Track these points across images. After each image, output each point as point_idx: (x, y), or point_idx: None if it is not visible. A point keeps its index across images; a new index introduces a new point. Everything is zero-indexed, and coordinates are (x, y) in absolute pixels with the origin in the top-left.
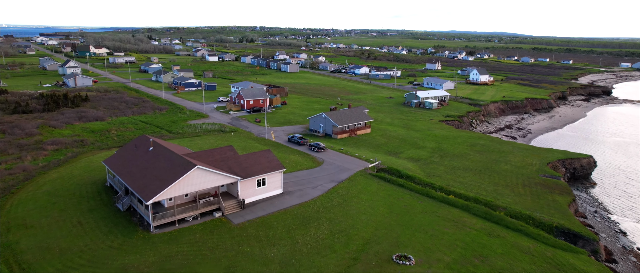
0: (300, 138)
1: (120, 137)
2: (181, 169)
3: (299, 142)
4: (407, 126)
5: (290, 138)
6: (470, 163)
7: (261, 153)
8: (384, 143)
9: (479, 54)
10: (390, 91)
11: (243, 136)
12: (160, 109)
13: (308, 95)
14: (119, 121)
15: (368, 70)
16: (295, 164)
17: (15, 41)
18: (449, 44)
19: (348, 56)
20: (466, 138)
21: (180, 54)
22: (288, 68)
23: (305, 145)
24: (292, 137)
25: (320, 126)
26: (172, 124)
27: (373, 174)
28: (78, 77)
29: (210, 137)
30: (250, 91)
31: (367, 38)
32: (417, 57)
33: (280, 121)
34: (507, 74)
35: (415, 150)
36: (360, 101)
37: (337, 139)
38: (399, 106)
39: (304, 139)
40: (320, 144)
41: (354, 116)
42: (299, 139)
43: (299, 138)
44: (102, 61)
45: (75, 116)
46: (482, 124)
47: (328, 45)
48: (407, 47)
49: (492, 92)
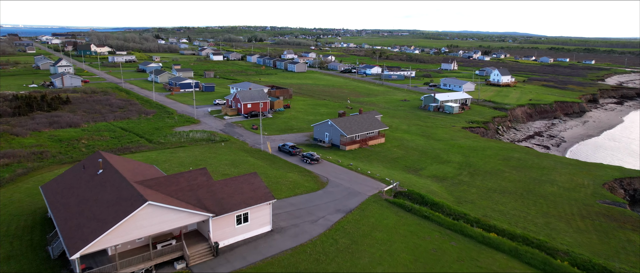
0: (292, 147)
1: (90, 148)
2: (127, 206)
3: (291, 152)
4: (426, 134)
5: (281, 147)
6: (507, 184)
7: (244, 178)
8: (401, 156)
9: (494, 53)
10: (404, 93)
11: (234, 148)
12: (147, 113)
13: (315, 97)
14: (95, 128)
15: (380, 70)
16: (292, 186)
17: (19, 40)
18: (462, 43)
19: (359, 55)
20: (497, 150)
21: (185, 53)
22: (295, 68)
23: (298, 155)
24: (283, 146)
25: (326, 135)
26: (155, 131)
27: (389, 200)
28: (66, 77)
29: (195, 148)
30: (248, 93)
31: (378, 38)
32: (430, 57)
33: (280, 128)
34: (528, 75)
35: (438, 166)
36: (372, 104)
37: (345, 152)
38: (416, 110)
39: (297, 149)
40: (314, 155)
41: (366, 124)
42: (291, 148)
43: (291, 147)
44: (102, 60)
45: (47, 121)
46: (509, 131)
47: (338, 44)
48: (420, 47)
49: (517, 94)
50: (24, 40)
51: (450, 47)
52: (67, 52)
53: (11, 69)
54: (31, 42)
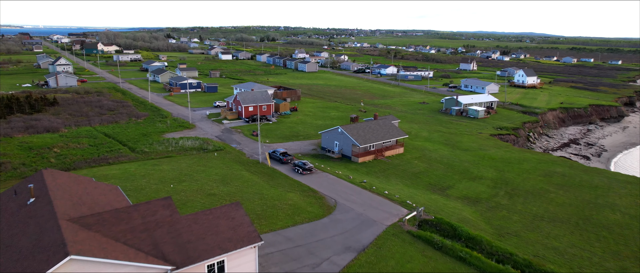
0: (283, 154)
1: (61, 158)
2: (41, 261)
3: (281, 160)
4: (450, 142)
5: (271, 154)
6: (556, 208)
7: (222, 212)
8: (424, 170)
9: (513, 54)
10: (422, 95)
11: (228, 159)
12: (139, 116)
13: (325, 99)
14: (76, 133)
15: (395, 70)
16: (291, 212)
17: (28, 39)
18: (478, 44)
19: (373, 55)
20: (535, 163)
21: (194, 52)
22: (306, 67)
23: (289, 164)
24: (273, 152)
25: (336, 144)
26: (141, 138)
27: (413, 233)
28: (60, 76)
29: (182, 159)
30: (250, 94)
31: (392, 38)
32: (447, 57)
33: (284, 134)
34: (553, 76)
35: (469, 183)
36: (388, 107)
37: (357, 164)
38: (436, 114)
39: (288, 156)
40: (306, 164)
41: (382, 131)
42: (282, 155)
43: (281, 154)
44: (106, 59)
45: (23, 125)
46: (541, 139)
47: (352, 44)
48: (435, 47)
49: (545, 97)
50: (35, 39)
51: (467, 47)
52: (75, 51)
53: (10, 68)
54: (41, 41)
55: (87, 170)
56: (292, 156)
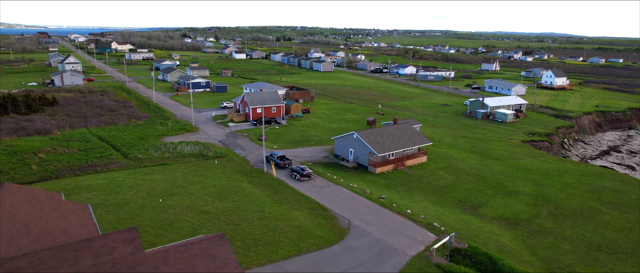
0: (280, 158)
1: (44, 165)
2: None
3: (278, 164)
4: (478, 150)
5: (269, 157)
6: (614, 235)
7: (202, 247)
8: (451, 183)
9: (536, 54)
10: (444, 96)
11: (230, 167)
12: (139, 118)
13: (340, 100)
14: (67, 136)
15: (415, 70)
16: (296, 236)
17: (46, 38)
18: (498, 44)
19: (390, 54)
20: (577, 175)
21: (208, 51)
22: (321, 67)
23: (287, 168)
24: (270, 155)
25: (351, 151)
26: (137, 142)
27: (444, 267)
28: (66, 75)
29: (179, 168)
30: (259, 95)
31: (409, 38)
32: (468, 57)
33: (294, 139)
34: (582, 77)
35: (504, 199)
36: (407, 109)
37: (375, 175)
38: (460, 117)
39: (286, 160)
40: (304, 170)
41: (402, 138)
42: (279, 159)
43: (279, 158)
44: (119, 57)
45: (14, 127)
46: (577, 145)
47: (369, 44)
48: (454, 47)
49: (577, 99)
50: (53, 38)
51: (487, 47)
52: (89, 50)
53: (22, 66)
54: (58, 40)
55: (71, 179)
56: (290, 160)
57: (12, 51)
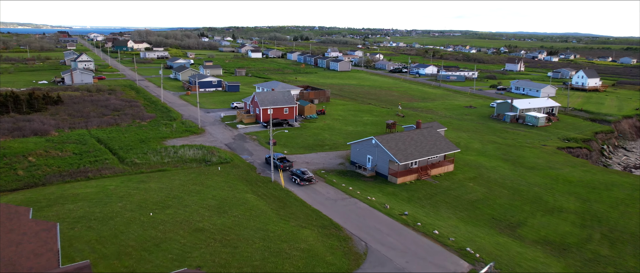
0: (280, 160)
1: (32, 170)
2: None
3: (278, 166)
4: (510, 157)
5: (268, 158)
6: None
7: None
8: (483, 196)
9: (562, 54)
10: (468, 98)
11: (234, 175)
12: (144, 118)
13: (358, 101)
14: (64, 138)
15: (436, 70)
16: (304, 262)
17: (65, 37)
18: (520, 44)
19: (409, 54)
20: (628, 189)
21: (224, 51)
22: (338, 66)
23: (287, 171)
24: (269, 157)
25: (369, 159)
26: (137, 145)
27: None
28: (76, 73)
29: (178, 174)
30: (270, 95)
31: (428, 38)
32: (490, 57)
33: (307, 143)
34: (614, 78)
35: (546, 218)
36: (429, 111)
37: (395, 186)
38: (486, 121)
39: (286, 162)
40: (305, 173)
41: (427, 143)
42: (279, 161)
43: (279, 160)
44: (134, 56)
45: (11, 127)
46: (617, 152)
47: (387, 44)
48: (475, 47)
49: (613, 101)
50: (72, 37)
51: (509, 47)
52: (106, 48)
53: (36, 64)
54: (77, 39)
55: (58, 187)
56: (291, 163)
57: (30, 50)
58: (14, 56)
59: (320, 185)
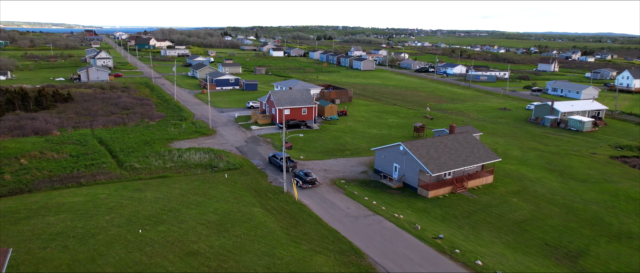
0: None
1: (21, 174)
2: None
3: (282, 167)
4: (556, 167)
5: (272, 157)
6: None
7: None
8: (531, 215)
9: (597, 54)
10: (500, 99)
11: (242, 183)
12: (153, 117)
13: (382, 101)
14: (66, 137)
15: (464, 69)
16: None
17: (91, 36)
18: (551, 44)
19: (435, 54)
20: None
21: (246, 49)
22: (361, 65)
23: (289, 172)
24: (273, 156)
25: (396, 167)
26: (141, 147)
27: None
28: (91, 70)
29: (178, 183)
30: (287, 94)
31: (454, 38)
32: (520, 57)
33: (327, 147)
34: None
35: (613, 246)
36: (460, 114)
37: (427, 201)
38: (523, 124)
39: (290, 162)
40: (308, 175)
41: (463, 151)
42: (281, 161)
43: (282, 160)
44: (154, 54)
45: (12, 125)
46: None
47: (412, 43)
48: (503, 47)
49: None
50: (98, 35)
51: (540, 47)
52: (129, 46)
53: (57, 62)
54: (101, 37)
55: (44, 194)
56: (294, 163)
57: (54, 47)
58: (38, 54)
59: (339, 198)
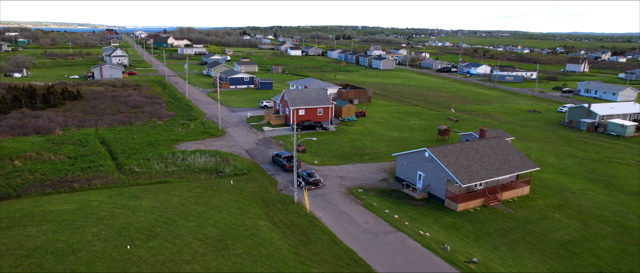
0: (287, 159)
1: (12, 177)
2: None
3: (285, 166)
4: (600, 177)
5: (275, 156)
6: None
7: None
8: (578, 235)
9: (629, 54)
10: (529, 101)
11: (248, 191)
12: (161, 116)
13: (403, 102)
14: (68, 137)
15: (489, 69)
16: None
17: (111, 34)
18: (577, 44)
19: (456, 54)
20: None
21: (264, 48)
22: (380, 65)
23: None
24: (277, 155)
25: (420, 175)
26: (144, 148)
27: None
28: (105, 68)
29: (178, 190)
30: (302, 93)
31: (475, 38)
32: (546, 57)
33: (343, 151)
34: None
35: None
36: (486, 116)
37: (456, 215)
38: (557, 128)
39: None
40: (312, 176)
41: (496, 159)
42: (286, 160)
43: (286, 159)
44: (171, 52)
45: (15, 124)
46: None
47: (432, 43)
48: (527, 47)
49: None
50: (118, 34)
51: (566, 47)
52: (147, 45)
53: (75, 59)
54: (121, 36)
55: (32, 200)
56: (299, 162)
57: (73, 46)
58: (58, 52)
59: (356, 210)
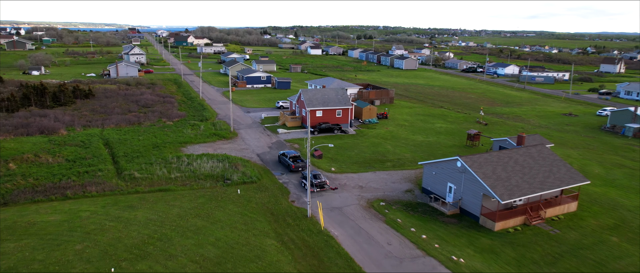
0: (293, 159)
1: (1, 183)
2: None
3: (290, 166)
4: None
5: (281, 156)
6: None
7: None
8: None
9: None
10: (562, 103)
11: (256, 203)
12: (172, 117)
13: (427, 103)
14: (71, 138)
15: (517, 70)
16: None
17: (133, 33)
18: (608, 44)
19: (481, 54)
20: None
21: (283, 47)
22: (403, 64)
23: (298, 173)
24: (283, 155)
25: (451, 187)
26: (149, 151)
27: None
28: (121, 66)
29: (178, 199)
30: (319, 93)
31: (500, 38)
32: (576, 58)
33: (364, 157)
34: None
35: None
36: (518, 119)
37: (493, 235)
38: (597, 134)
39: (300, 162)
40: (317, 178)
41: (539, 170)
42: (292, 160)
43: (291, 159)
44: (190, 51)
45: (19, 123)
46: None
47: (456, 43)
48: (555, 47)
49: None
50: (140, 33)
51: (597, 47)
52: (168, 43)
53: (95, 58)
54: (143, 35)
55: (20, 209)
56: (304, 163)
57: (95, 44)
58: (79, 50)
59: (378, 227)
